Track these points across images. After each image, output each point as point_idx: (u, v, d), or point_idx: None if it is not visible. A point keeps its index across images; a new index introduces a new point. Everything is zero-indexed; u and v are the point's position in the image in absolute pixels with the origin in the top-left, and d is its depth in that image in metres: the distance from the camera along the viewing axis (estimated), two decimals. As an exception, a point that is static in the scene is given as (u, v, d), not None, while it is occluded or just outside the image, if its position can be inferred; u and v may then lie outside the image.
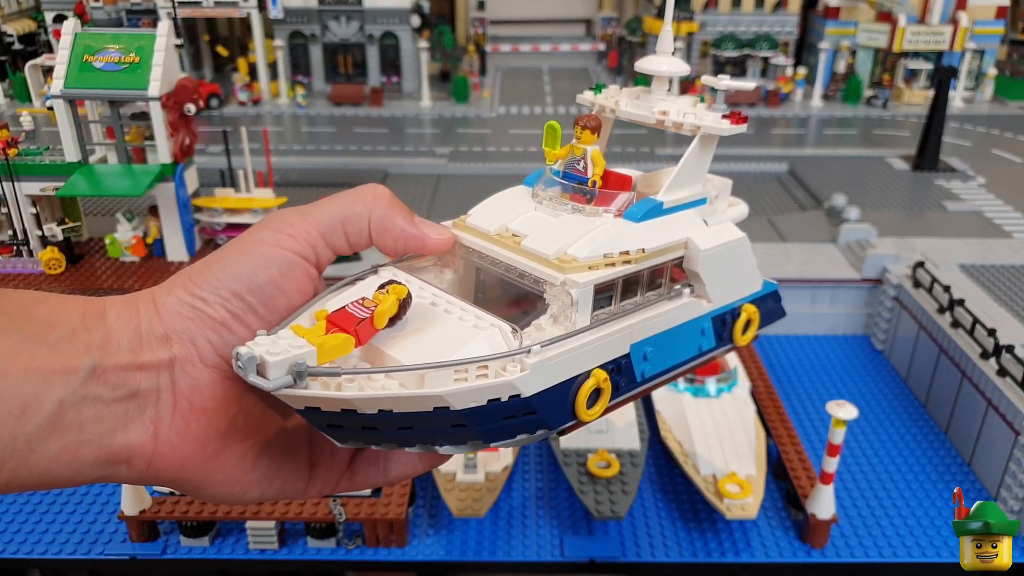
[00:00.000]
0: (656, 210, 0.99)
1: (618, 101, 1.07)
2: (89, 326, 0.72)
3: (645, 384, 1.03)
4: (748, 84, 1.06)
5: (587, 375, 0.91)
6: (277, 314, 0.79)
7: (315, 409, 0.75)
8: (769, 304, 1.21)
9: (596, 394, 0.93)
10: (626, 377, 0.98)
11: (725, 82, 1.00)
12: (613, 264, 0.93)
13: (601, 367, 0.93)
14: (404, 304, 0.80)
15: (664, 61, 1.04)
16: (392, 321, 0.79)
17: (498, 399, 0.80)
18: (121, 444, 0.72)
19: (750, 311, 1.15)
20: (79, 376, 0.68)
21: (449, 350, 0.79)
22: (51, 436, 0.66)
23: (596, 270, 0.91)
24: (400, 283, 0.81)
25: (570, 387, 0.89)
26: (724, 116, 1.00)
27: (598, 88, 1.10)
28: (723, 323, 1.12)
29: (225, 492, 0.80)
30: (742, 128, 1.01)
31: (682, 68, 1.02)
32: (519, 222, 0.95)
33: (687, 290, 1.05)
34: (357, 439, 0.80)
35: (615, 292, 0.97)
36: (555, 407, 0.88)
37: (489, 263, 0.94)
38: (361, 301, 0.79)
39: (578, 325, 0.89)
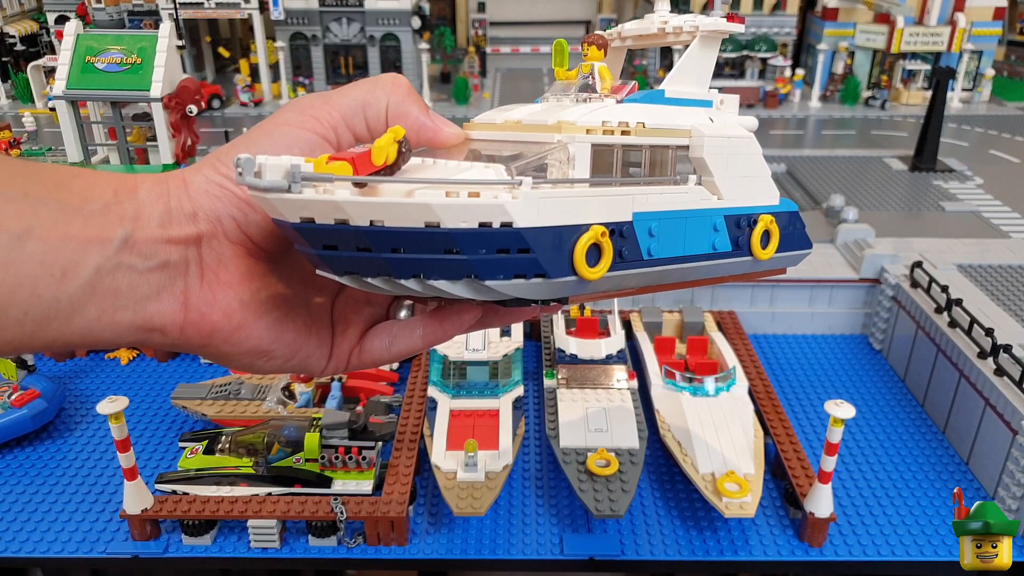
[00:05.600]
0: (657, 96, 1.02)
1: (623, 25, 1.11)
2: (121, 200, 0.75)
3: (655, 267, 0.97)
4: None
5: (585, 228, 0.87)
6: None
7: (310, 224, 0.75)
8: (790, 225, 1.17)
9: (596, 252, 0.89)
10: (630, 247, 0.93)
11: None
12: (612, 132, 0.94)
13: (601, 224, 0.89)
14: (402, 146, 0.78)
15: None
16: (391, 170, 0.79)
17: (489, 224, 0.78)
18: (154, 312, 0.76)
19: (767, 221, 1.11)
20: (113, 245, 0.72)
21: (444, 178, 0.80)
22: (90, 300, 0.71)
23: (594, 134, 0.91)
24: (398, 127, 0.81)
25: (567, 236, 0.85)
26: (722, 17, 1.05)
27: (609, 27, 1.15)
28: (738, 226, 1.08)
29: (250, 361, 0.86)
30: (739, 27, 1.05)
31: None
32: (523, 113, 0.98)
33: (693, 176, 1.03)
34: (352, 267, 0.79)
35: (615, 166, 0.97)
36: (552, 252, 0.83)
37: (497, 148, 0.96)
38: (360, 144, 0.81)
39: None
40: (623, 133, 0.95)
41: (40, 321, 0.69)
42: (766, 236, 1.11)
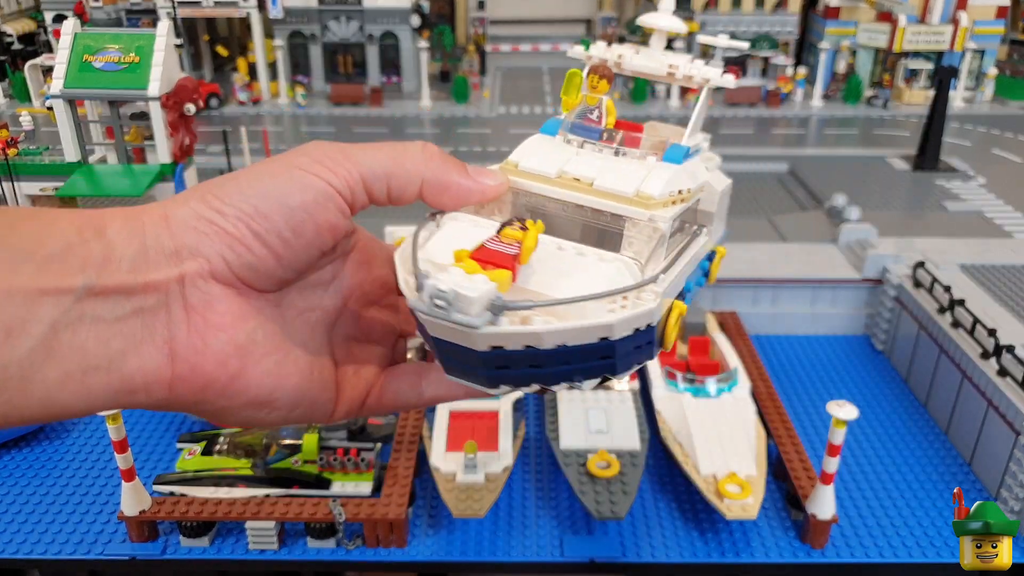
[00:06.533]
0: (688, 154, 1.05)
1: (622, 55, 1.09)
2: (86, 240, 0.64)
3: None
4: (742, 44, 1.15)
5: (670, 305, 0.92)
6: (303, 244, 0.74)
7: (497, 349, 0.72)
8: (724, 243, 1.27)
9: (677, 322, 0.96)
10: None
11: (724, 41, 1.13)
12: (675, 202, 0.95)
13: (679, 300, 0.95)
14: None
15: (666, 18, 1.09)
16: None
17: (638, 328, 0.80)
18: (135, 368, 0.66)
19: (722, 252, 1.21)
20: (72, 295, 0.61)
21: (592, 283, 0.78)
22: (48, 361, 0.60)
23: (668, 207, 0.93)
24: (531, 220, 0.79)
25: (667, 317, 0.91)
26: (724, 71, 1.07)
27: (586, 44, 1.13)
28: (709, 259, 1.16)
29: (250, 414, 0.75)
30: (733, 80, 1.12)
31: (681, 26, 1.10)
32: (574, 165, 0.95)
33: (704, 228, 1.08)
34: (511, 381, 0.78)
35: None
36: (657, 336, 0.89)
37: (558, 206, 0.93)
38: (497, 238, 0.76)
39: (663, 260, 0.90)
40: (681, 202, 0.98)
41: None
42: (714, 258, 1.22)
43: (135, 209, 0.70)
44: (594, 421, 3.60)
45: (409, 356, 0.91)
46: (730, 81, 1.08)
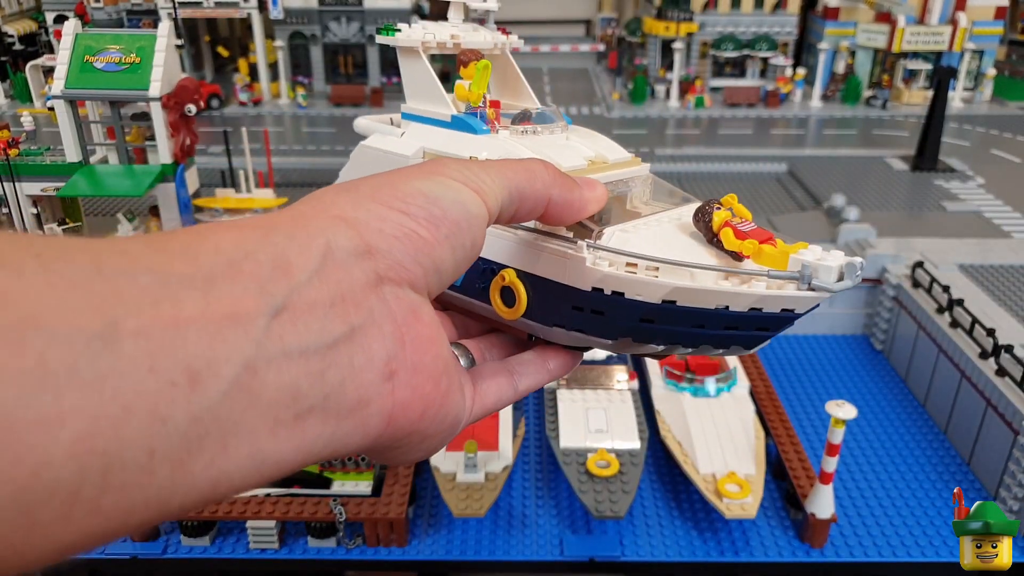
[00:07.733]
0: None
1: (454, 34, 1.16)
2: (249, 251, 0.50)
3: None
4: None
5: None
6: (472, 256, 0.66)
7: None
8: None
9: None
10: None
11: (493, 4, 1.21)
12: None
13: None
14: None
15: None
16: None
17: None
18: (354, 401, 0.53)
19: None
20: (260, 322, 0.48)
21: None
22: (251, 408, 0.47)
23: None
24: (708, 202, 0.81)
25: None
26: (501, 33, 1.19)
27: (389, 29, 1.11)
28: None
29: (441, 439, 0.65)
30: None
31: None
32: (582, 151, 1.00)
33: None
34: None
35: None
36: None
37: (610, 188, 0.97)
38: (740, 221, 0.78)
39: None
40: None
41: (179, 460, 0.44)
42: None
43: (288, 218, 0.57)
44: (594, 420, 3.61)
45: (462, 361, 0.82)
46: (517, 41, 1.21)
